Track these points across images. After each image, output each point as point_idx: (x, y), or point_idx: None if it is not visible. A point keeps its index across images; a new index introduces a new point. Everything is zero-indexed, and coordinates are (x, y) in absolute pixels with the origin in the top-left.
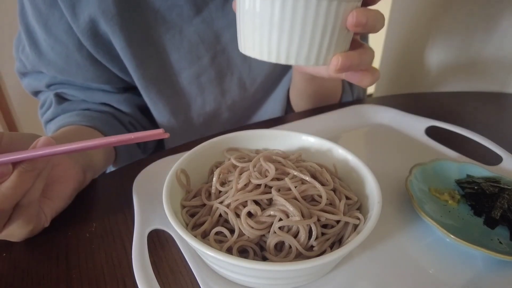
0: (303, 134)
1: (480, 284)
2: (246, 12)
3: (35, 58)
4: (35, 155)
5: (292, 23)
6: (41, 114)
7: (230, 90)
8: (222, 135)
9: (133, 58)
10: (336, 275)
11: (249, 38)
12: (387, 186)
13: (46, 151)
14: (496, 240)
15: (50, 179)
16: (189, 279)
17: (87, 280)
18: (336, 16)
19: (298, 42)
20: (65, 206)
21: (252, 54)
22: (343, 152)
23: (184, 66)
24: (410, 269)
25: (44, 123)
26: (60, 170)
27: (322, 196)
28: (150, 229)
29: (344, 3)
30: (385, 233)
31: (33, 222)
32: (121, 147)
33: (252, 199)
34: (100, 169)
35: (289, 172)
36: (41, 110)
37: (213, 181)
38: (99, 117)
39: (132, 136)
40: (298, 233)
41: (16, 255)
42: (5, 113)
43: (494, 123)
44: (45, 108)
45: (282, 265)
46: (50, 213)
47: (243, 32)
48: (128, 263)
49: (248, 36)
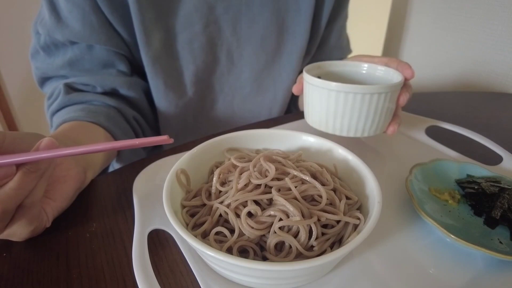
0: (303, 134)
1: (480, 284)
2: (316, 100)
3: (53, 23)
4: (39, 157)
5: (359, 113)
6: (48, 106)
7: (219, 61)
8: (222, 135)
9: (142, 20)
10: (336, 275)
11: (316, 117)
12: (388, 186)
13: (50, 154)
14: (496, 240)
15: (52, 179)
16: (189, 279)
17: (87, 280)
18: (391, 100)
19: (361, 123)
20: (67, 206)
21: (318, 127)
22: (343, 152)
23: (179, 30)
24: (411, 269)
25: (49, 116)
26: (62, 170)
27: (322, 196)
28: (150, 229)
29: (396, 92)
30: (385, 233)
31: (36, 222)
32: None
33: (252, 199)
34: (100, 168)
35: (289, 172)
36: (48, 101)
37: (213, 181)
38: (103, 112)
39: (137, 142)
40: (298, 233)
41: (16, 255)
42: (5, 113)
43: (494, 123)
44: (53, 99)
45: (282, 265)
46: (52, 213)
47: (311, 111)
48: (128, 263)
49: (315, 115)
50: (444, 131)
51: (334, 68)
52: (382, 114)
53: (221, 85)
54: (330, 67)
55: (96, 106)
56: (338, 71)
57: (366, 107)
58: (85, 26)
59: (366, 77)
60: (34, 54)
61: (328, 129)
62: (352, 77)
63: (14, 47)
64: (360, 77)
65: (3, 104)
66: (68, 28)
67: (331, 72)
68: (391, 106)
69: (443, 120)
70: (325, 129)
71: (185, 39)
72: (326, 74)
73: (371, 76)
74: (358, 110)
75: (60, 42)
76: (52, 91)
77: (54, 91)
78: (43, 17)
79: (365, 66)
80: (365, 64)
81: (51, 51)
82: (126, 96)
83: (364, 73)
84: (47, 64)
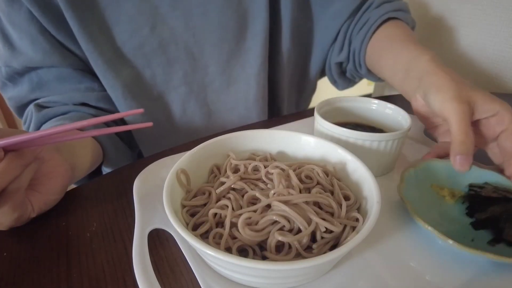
0: (303, 134)
1: (480, 283)
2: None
3: (8, 53)
4: (25, 138)
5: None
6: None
7: (178, 60)
8: (222, 135)
9: (85, 34)
10: (335, 275)
11: None
12: (387, 186)
13: (35, 134)
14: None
15: (40, 174)
16: (189, 278)
17: (88, 279)
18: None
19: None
20: (54, 201)
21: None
22: (342, 152)
23: (126, 38)
24: (409, 269)
25: None
26: (50, 165)
27: (332, 206)
28: (150, 229)
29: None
30: (384, 233)
31: (19, 210)
32: (106, 144)
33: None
34: (88, 168)
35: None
36: (24, 126)
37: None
38: (83, 117)
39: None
40: (298, 233)
41: (16, 254)
42: (6, 113)
43: None
44: (28, 122)
45: (283, 264)
46: (38, 205)
47: None
48: (128, 262)
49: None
50: None
51: (343, 104)
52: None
53: (189, 84)
54: (340, 102)
55: (73, 113)
56: (348, 106)
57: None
58: (37, 51)
59: (375, 113)
60: (3, 86)
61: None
62: (361, 113)
63: None
64: (369, 114)
65: (3, 104)
66: (22, 55)
67: (341, 108)
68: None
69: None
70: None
71: (134, 45)
72: (335, 110)
73: (380, 113)
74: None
75: (20, 70)
76: (25, 115)
77: (27, 114)
78: (0, 50)
79: (375, 102)
80: (375, 100)
81: (16, 80)
82: (99, 108)
83: (374, 109)
84: (17, 92)
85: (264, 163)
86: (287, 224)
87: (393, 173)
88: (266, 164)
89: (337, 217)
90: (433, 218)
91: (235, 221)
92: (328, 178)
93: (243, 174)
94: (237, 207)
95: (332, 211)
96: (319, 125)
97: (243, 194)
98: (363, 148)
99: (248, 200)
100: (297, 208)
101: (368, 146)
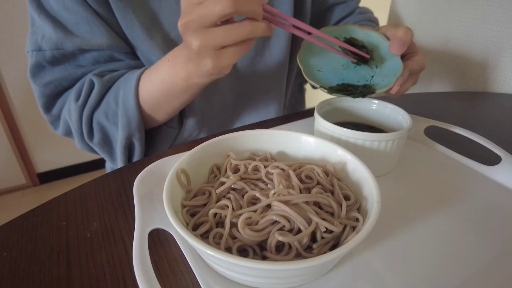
0: (303, 134)
1: (480, 283)
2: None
3: (60, 35)
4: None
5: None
6: (79, 107)
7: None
8: (222, 135)
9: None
10: (336, 275)
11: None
12: (386, 186)
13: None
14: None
15: None
16: (189, 278)
17: (88, 279)
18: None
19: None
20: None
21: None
22: (342, 152)
23: (169, 29)
24: (410, 268)
25: (86, 116)
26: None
27: (332, 206)
28: (150, 229)
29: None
30: (384, 233)
31: (243, 52)
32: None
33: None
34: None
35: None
36: (76, 103)
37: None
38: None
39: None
40: (298, 233)
41: (16, 254)
42: (6, 113)
43: (493, 123)
44: (84, 94)
45: (284, 264)
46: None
47: None
48: (128, 262)
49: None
50: (443, 131)
51: (344, 104)
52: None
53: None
54: (340, 102)
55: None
56: (348, 106)
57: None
58: (94, 33)
59: (375, 113)
60: (37, 72)
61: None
62: (361, 113)
63: (14, 47)
64: (369, 114)
65: (3, 104)
66: (78, 38)
67: (341, 108)
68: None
69: (442, 120)
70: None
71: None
72: (335, 110)
73: (380, 113)
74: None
75: (70, 53)
76: (77, 89)
77: (82, 86)
78: (44, 35)
79: (375, 102)
80: (375, 100)
81: (64, 61)
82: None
83: (374, 109)
84: (60, 74)
85: (264, 163)
86: (287, 224)
87: (393, 173)
88: (266, 164)
89: (337, 217)
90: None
91: (235, 221)
92: (328, 178)
93: (243, 174)
94: (237, 207)
95: (332, 211)
96: (319, 125)
97: (243, 194)
98: (363, 148)
99: (248, 200)
100: (297, 208)
101: (368, 146)
